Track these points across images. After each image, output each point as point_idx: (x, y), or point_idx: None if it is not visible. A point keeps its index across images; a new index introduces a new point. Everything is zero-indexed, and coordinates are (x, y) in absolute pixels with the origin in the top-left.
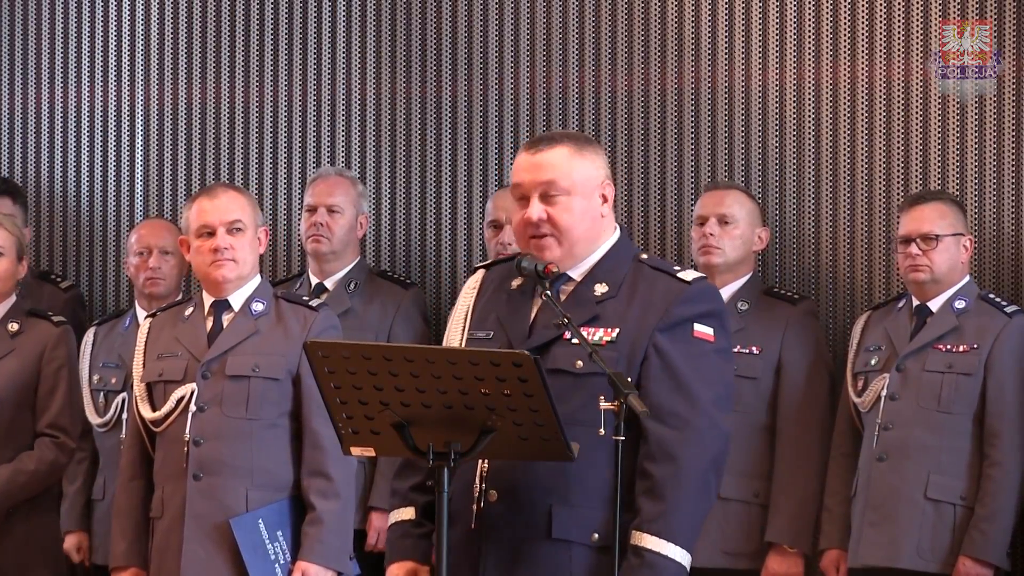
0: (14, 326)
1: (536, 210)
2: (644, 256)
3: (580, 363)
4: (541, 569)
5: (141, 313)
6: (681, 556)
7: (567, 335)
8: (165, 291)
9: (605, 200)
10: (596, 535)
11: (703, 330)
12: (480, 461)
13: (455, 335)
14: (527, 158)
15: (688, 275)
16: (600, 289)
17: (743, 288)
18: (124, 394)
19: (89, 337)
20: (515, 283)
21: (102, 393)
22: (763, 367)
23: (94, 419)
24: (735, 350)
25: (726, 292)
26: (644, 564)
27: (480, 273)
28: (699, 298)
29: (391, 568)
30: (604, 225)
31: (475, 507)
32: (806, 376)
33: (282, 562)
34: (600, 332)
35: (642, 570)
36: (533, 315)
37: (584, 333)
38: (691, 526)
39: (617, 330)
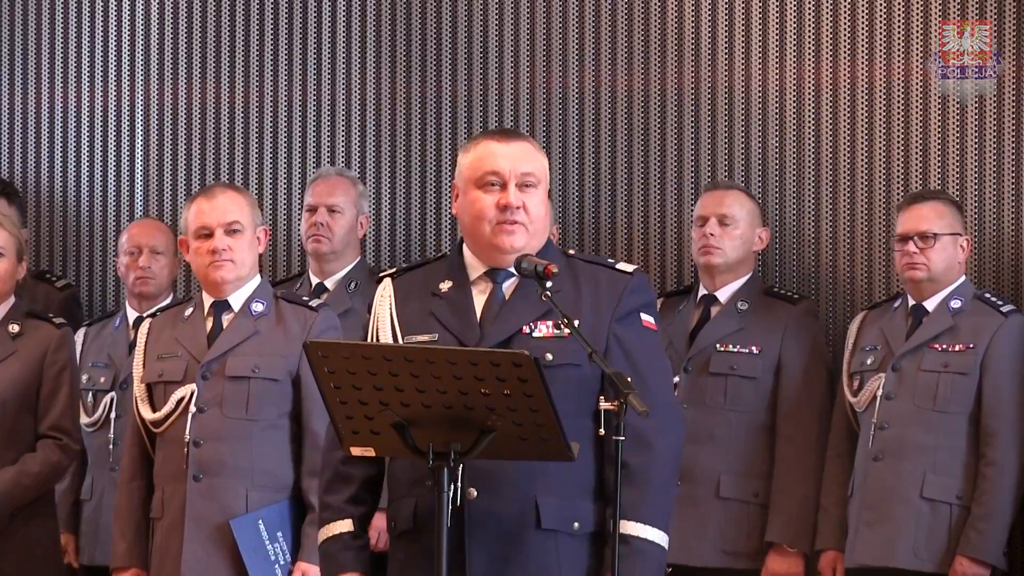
0: (15, 327)
1: (517, 196)
2: (571, 251)
3: (550, 356)
4: (532, 560)
5: (131, 313)
6: (663, 539)
7: (525, 329)
8: (155, 291)
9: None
10: (577, 524)
11: (648, 319)
12: None
13: (386, 342)
14: (503, 147)
15: (625, 266)
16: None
17: (743, 288)
18: (112, 394)
19: (80, 337)
20: (444, 286)
21: (91, 392)
22: (763, 367)
23: (83, 418)
24: (735, 350)
25: (726, 292)
26: (632, 551)
27: (388, 281)
28: (642, 288)
29: None
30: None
31: (450, 508)
32: (806, 376)
33: (282, 563)
34: (560, 326)
35: (631, 557)
36: (479, 314)
37: (543, 327)
38: (668, 509)
39: (576, 322)
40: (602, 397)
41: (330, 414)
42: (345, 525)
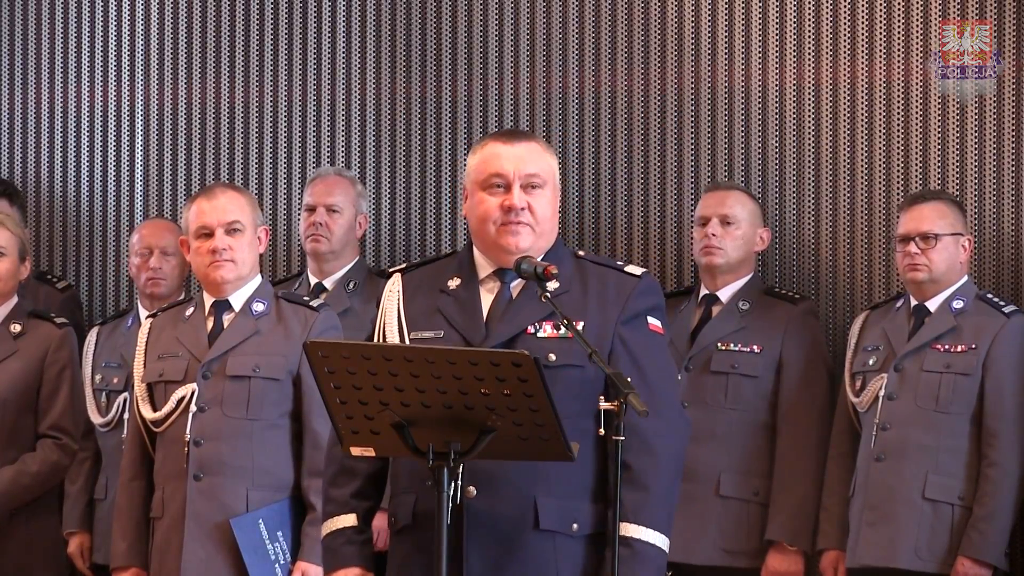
0: (16, 327)
1: (521, 198)
2: (581, 252)
3: (553, 356)
4: (529, 561)
5: (143, 313)
6: (664, 542)
7: (530, 330)
8: (167, 291)
9: (558, 199)
10: (576, 525)
11: (655, 323)
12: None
13: (393, 338)
14: (507, 148)
15: (634, 269)
16: (551, 285)
17: (744, 288)
18: (125, 394)
19: (92, 337)
20: (453, 283)
21: (104, 393)
22: (763, 366)
23: (96, 419)
24: (736, 349)
25: (727, 292)
26: (634, 554)
27: (397, 276)
28: (650, 292)
29: (336, 574)
30: (555, 223)
31: (450, 505)
32: (806, 375)
33: (282, 562)
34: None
35: (632, 560)
36: (486, 313)
37: (548, 327)
38: (670, 512)
39: (581, 324)
40: (602, 397)
41: (330, 414)
42: (349, 519)
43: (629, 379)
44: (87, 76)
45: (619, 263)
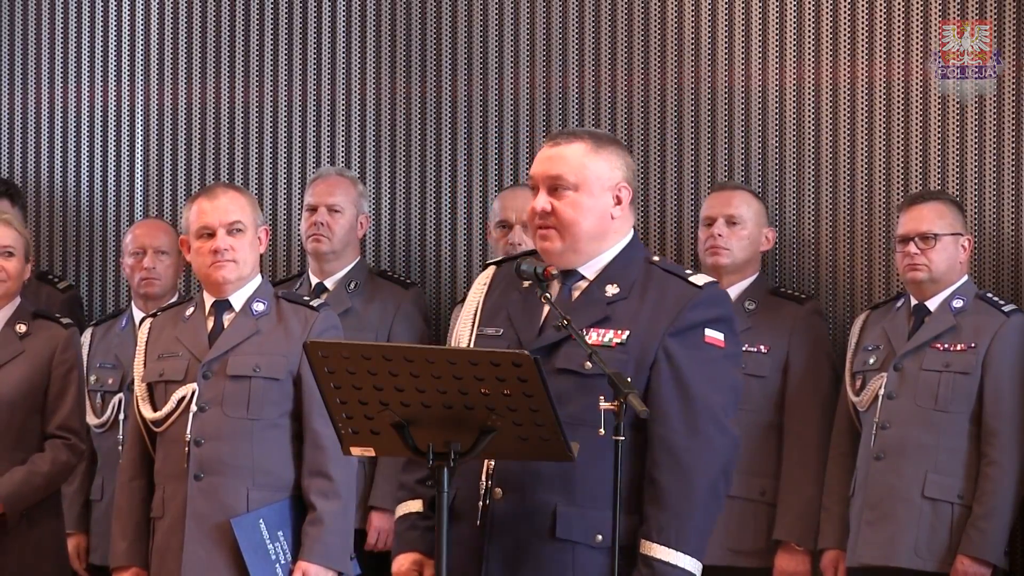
0: (22, 327)
1: (541, 201)
2: (656, 259)
3: (589, 364)
4: (544, 569)
5: (138, 313)
6: (691, 564)
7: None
8: (161, 291)
9: (619, 201)
10: (599, 536)
11: (714, 335)
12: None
13: (465, 331)
14: (544, 150)
15: (699, 279)
16: (611, 290)
17: (750, 288)
18: (121, 395)
19: (86, 338)
20: (528, 282)
21: (99, 394)
22: (770, 366)
23: (91, 420)
24: (744, 349)
25: (733, 292)
26: (654, 574)
27: (491, 270)
28: (710, 303)
29: (397, 559)
30: (616, 226)
31: (480, 504)
32: (813, 375)
33: (283, 562)
34: (610, 334)
35: None
36: (544, 315)
37: (594, 334)
38: (701, 534)
39: (627, 332)
40: (602, 397)
41: (330, 414)
42: (415, 505)
43: (667, 394)
44: (87, 76)
45: (687, 272)
